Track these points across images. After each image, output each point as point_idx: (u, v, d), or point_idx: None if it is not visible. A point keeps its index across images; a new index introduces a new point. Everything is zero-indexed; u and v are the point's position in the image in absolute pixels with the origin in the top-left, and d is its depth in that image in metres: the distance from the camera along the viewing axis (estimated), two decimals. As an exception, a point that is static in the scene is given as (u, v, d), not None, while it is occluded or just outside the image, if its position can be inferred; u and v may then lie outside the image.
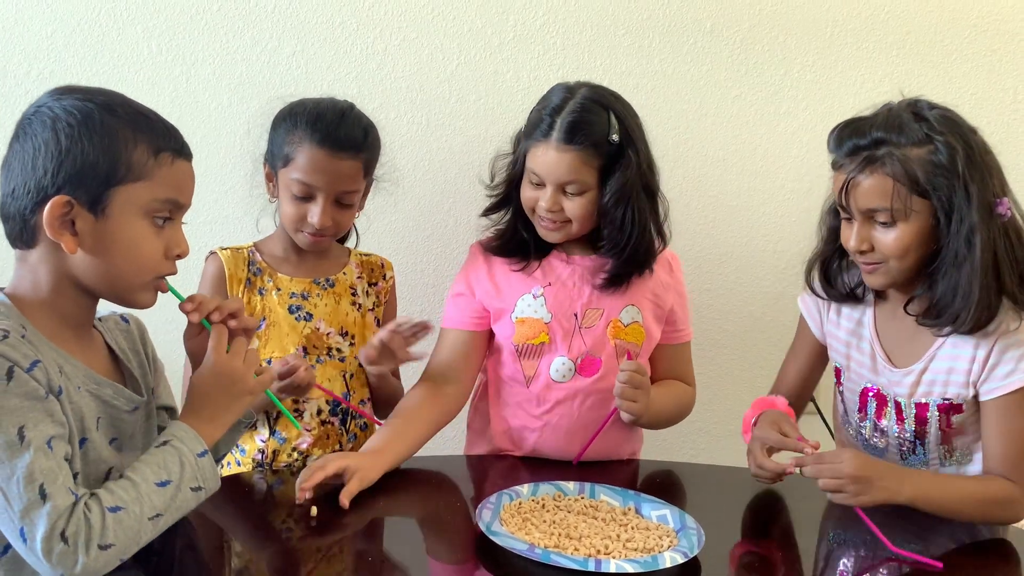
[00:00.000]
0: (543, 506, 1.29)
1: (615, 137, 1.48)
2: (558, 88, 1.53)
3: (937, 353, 1.40)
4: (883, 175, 1.31)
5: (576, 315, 1.56)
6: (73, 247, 1.01)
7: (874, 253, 1.36)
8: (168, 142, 1.06)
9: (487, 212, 1.62)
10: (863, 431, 1.51)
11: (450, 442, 2.03)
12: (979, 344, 1.36)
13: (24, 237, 1.03)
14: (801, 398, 1.63)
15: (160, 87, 1.89)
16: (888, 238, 1.34)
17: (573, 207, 1.50)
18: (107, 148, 1.01)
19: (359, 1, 1.91)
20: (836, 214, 1.45)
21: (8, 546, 0.97)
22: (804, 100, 2.07)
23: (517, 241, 1.58)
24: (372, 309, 1.64)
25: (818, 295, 1.53)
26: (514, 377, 1.59)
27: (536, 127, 1.49)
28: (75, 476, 0.99)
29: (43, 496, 0.92)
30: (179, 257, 1.09)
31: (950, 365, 1.39)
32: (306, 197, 1.48)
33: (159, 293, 1.10)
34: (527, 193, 1.53)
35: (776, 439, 1.38)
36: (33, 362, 0.96)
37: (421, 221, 2.00)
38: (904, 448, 1.47)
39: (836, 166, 1.39)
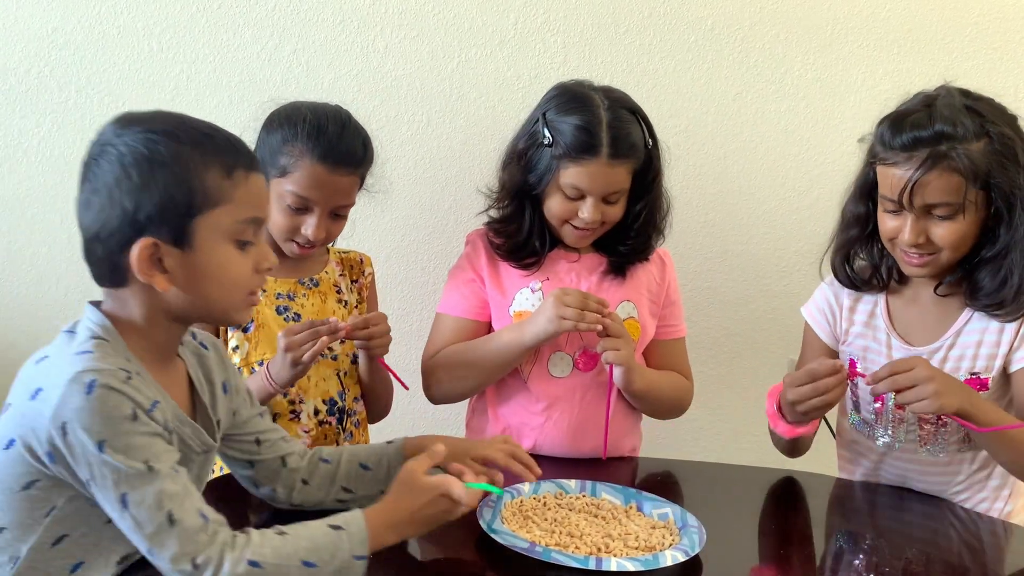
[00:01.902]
0: (545, 504, 1.29)
1: (650, 142, 1.53)
2: (575, 97, 1.51)
3: (964, 328, 1.42)
4: (952, 171, 1.30)
5: None
6: (166, 285, 0.98)
7: (929, 245, 1.36)
8: (238, 158, 1.02)
9: (496, 223, 1.61)
10: (880, 421, 1.50)
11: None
12: None
13: (114, 279, 1.00)
14: None
15: (160, 85, 1.89)
16: (945, 230, 1.34)
17: (612, 212, 1.53)
18: (180, 179, 0.97)
19: (360, -1, 1.91)
20: (861, 202, 1.46)
21: (17, 557, 0.96)
22: (805, 98, 2.07)
23: (530, 249, 1.59)
24: (356, 306, 1.64)
25: (842, 283, 1.52)
26: (512, 373, 1.59)
27: (575, 145, 1.47)
28: None
29: (171, 520, 0.92)
30: (268, 271, 1.07)
31: (979, 338, 1.41)
32: (301, 209, 1.47)
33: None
34: (562, 207, 1.52)
35: (805, 374, 1.32)
36: (153, 403, 0.96)
37: (421, 219, 2.00)
38: (925, 432, 1.46)
39: (886, 161, 1.36)
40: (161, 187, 0.96)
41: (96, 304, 1.03)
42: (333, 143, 1.44)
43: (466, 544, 1.19)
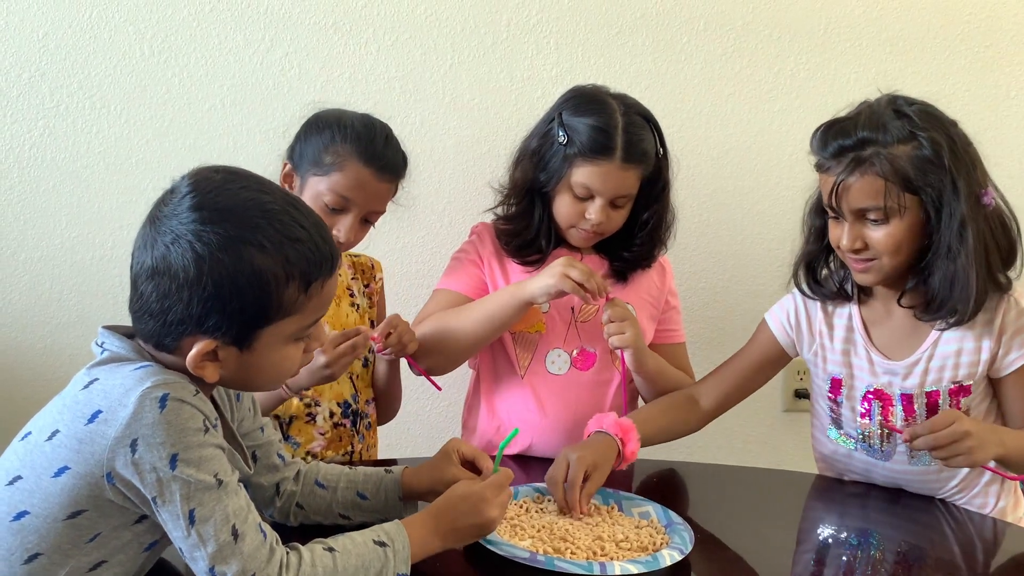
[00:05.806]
0: (527, 510, 1.27)
1: (661, 151, 1.55)
2: (592, 99, 1.53)
3: (941, 338, 1.41)
4: (873, 175, 1.32)
5: (573, 308, 1.59)
6: (215, 376, 0.96)
7: (867, 251, 1.37)
8: (319, 269, 0.96)
9: (505, 220, 1.62)
10: (867, 435, 1.49)
11: (447, 438, 2.03)
12: (982, 321, 1.39)
13: (159, 347, 0.97)
14: (730, 399, 1.59)
15: (152, 89, 1.88)
16: (880, 235, 1.35)
17: (618, 216, 1.55)
18: (257, 294, 0.93)
19: (352, 1, 1.91)
20: (819, 214, 1.47)
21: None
22: (798, 98, 2.07)
23: (536, 247, 1.60)
24: (368, 310, 1.64)
25: (807, 296, 1.52)
26: (508, 368, 1.59)
27: (590, 145, 1.49)
28: None
29: (235, 535, 0.92)
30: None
31: (958, 347, 1.40)
32: (338, 210, 1.47)
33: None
34: (571, 208, 1.53)
35: (554, 478, 1.29)
36: (216, 419, 0.96)
37: (414, 223, 2.00)
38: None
39: (822, 168, 1.39)
40: (236, 302, 0.92)
41: (114, 330, 0.99)
42: (380, 149, 1.47)
43: (456, 558, 1.15)
